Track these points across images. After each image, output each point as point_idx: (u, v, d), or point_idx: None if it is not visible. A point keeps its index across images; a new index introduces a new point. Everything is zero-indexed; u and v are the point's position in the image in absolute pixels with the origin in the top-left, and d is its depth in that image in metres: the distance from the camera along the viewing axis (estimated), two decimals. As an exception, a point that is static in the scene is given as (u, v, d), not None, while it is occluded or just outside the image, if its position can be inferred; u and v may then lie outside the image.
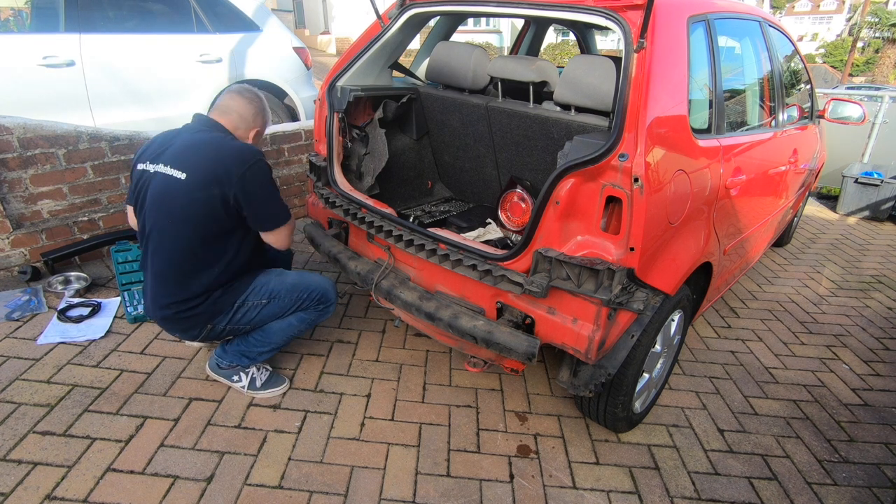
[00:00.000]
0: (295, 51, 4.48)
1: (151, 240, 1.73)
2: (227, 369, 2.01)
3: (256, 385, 2.02)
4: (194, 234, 1.68)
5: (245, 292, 1.83)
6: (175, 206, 1.66)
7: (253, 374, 2.02)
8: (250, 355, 1.97)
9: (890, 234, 4.50)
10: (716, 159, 1.78)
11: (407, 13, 2.11)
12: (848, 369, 2.51)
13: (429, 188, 2.83)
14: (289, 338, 1.97)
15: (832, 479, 1.86)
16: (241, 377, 2.01)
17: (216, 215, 1.67)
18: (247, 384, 2.01)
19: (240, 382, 2.01)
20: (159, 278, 1.75)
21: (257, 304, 1.85)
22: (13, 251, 2.61)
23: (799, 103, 2.94)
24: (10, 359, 2.09)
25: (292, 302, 1.90)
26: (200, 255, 1.72)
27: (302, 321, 1.95)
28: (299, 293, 1.90)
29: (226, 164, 1.64)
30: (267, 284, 1.87)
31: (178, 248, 1.70)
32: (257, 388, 2.02)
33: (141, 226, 1.78)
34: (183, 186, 1.64)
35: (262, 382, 2.03)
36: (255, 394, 2.01)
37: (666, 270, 1.62)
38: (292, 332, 1.95)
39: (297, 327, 1.95)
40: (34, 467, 1.63)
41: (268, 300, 1.86)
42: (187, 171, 1.64)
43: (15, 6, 4.26)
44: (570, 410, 2.08)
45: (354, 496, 1.64)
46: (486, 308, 1.72)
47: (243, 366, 2.01)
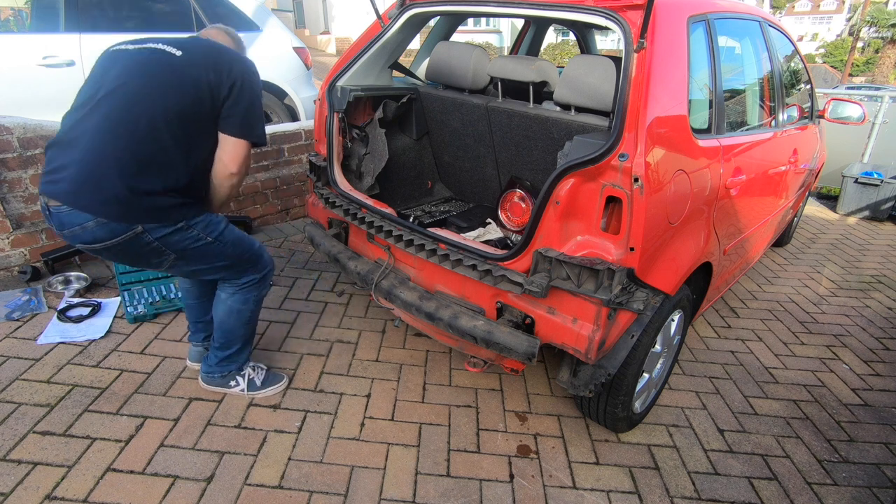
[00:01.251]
0: (295, 51, 4.48)
1: (110, 99, 1.46)
2: (221, 378, 1.97)
3: (256, 385, 2.01)
4: (172, 106, 1.49)
5: (196, 218, 1.63)
6: (161, 72, 1.50)
7: (250, 375, 2.00)
8: (230, 357, 1.93)
9: (890, 234, 4.50)
10: (716, 159, 1.78)
11: (407, 13, 2.11)
12: (848, 369, 2.52)
13: (429, 188, 2.83)
14: (244, 322, 1.88)
15: (832, 479, 1.86)
16: (238, 381, 1.99)
17: (200, 99, 1.52)
18: (245, 386, 1.99)
19: (238, 386, 1.99)
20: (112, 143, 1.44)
21: (201, 238, 1.65)
22: (13, 251, 2.61)
23: (799, 103, 2.94)
24: (10, 359, 2.09)
25: (231, 257, 1.74)
26: (168, 135, 1.49)
27: (245, 301, 1.85)
28: (241, 251, 1.77)
29: (229, 59, 1.60)
30: (218, 225, 1.70)
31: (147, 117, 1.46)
32: (257, 387, 2.01)
33: (92, 88, 1.51)
34: (176, 60, 1.52)
35: (260, 381, 2.02)
36: (256, 394, 2.00)
37: (666, 270, 1.62)
38: (244, 316, 1.86)
39: (245, 311, 1.85)
40: (34, 467, 1.63)
41: (213, 239, 1.67)
42: (184, 50, 1.55)
43: (15, 6, 4.26)
44: (570, 410, 2.08)
45: (354, 496, 1.64)
46: (486, 308, 1.72)
47: (235, 370, 1.98)
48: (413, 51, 5.37)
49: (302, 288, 2.83)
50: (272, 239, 3.38)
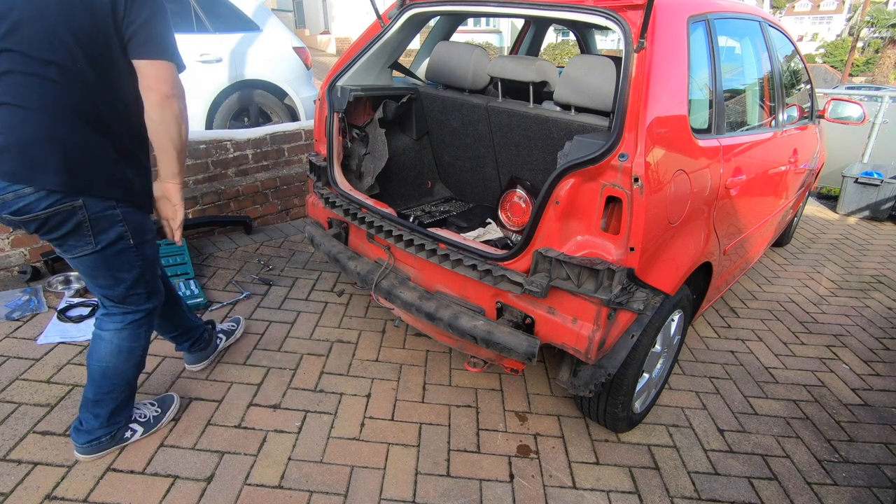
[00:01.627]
0: (295, 51, 4.48)
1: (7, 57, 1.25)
2: (111, 439, 1.68)
3: (152, 423, 1.79)
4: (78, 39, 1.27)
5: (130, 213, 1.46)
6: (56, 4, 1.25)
7: (143, 417, 1.77)
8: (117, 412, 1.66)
9: (890, 234, 4.50)
10: (716, 159, 1.78)
11: (407, 13, 2.11)
12: (848, 369, 2.52)
13: (429, 188, 2.83)
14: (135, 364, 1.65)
15: (832, 479, 1.86)
16: (134, 429, 1.74)
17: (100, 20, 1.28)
18: (143, 430, 1.76)
19: (136, 434, 1.74)
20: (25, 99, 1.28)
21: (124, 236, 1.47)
22: (13, 251, 2.61)
23: (799, 103, 2.94)
24: (10, 359, 2.09)
25: (142, 276, 1.56)
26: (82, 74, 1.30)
27: (137, 337, 1.62)
28: (153, 272, 1.60)
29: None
30: (147, 234, 1.53)
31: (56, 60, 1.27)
32: (154, 425, 1.80)
33: None
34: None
35: (155, 416, 1.81)
36: (158, 427, 1.80)
37: (666, 270, 1.62)
38: (135, 355, 1.64)
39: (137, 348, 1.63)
40: (34, 467, 1.63)
41: (134, 245, 1.49)
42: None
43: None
44: (570, 410, 2.08)
45: (354, 496, 1.64)
46: (486, 308, 1.72)
47: (127, 418, 1.72)
48: (413, 51, 5.37)
49: (302, 288, 2.83)
50: (272, 239, 3.38)
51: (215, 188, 3.26)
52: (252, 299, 2.68)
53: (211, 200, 3.24)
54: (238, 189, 3.37)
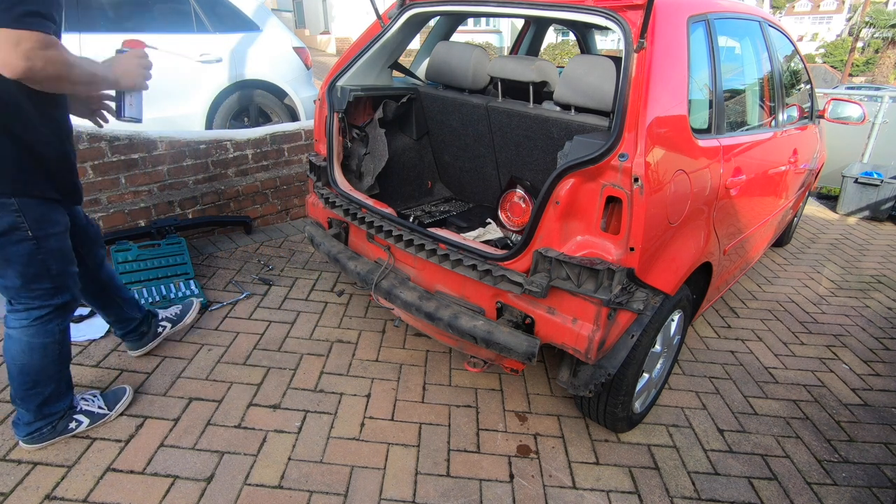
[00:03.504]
0: (295, 51, 4.48)
1: None
2: (52, 429, 1.67)
3: (99, 413, 1.78)
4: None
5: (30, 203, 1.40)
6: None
7: (85, 407, 1.75)
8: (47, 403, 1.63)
9: (890, 234, 4.50)
10: (716, 159, 1.78)
11: (407, 13, 2.11)
12: (848, 369, 2.52)
13: (429, 188, 2.83)
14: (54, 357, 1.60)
15: (832, 479, 1.86)
16: (79, 419, 1.72)
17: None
18: (89, 421, 1.75)
19: (81, 425, 1.72)
20: None
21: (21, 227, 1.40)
22: (13, 251, 2.60)
23: (799, 103, 2.94)
24: (10, 359, 2.09)
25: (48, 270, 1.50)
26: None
27: (48, 333, 1.56)
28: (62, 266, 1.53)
29: None
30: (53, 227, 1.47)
31: None
32: (103, 414, 1.79)
33: None
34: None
35: (101, 406, 1.79)
36: (105, 420, 1.79)
37: (666, 270, 1.62)
38: (51, 351, 1.58)
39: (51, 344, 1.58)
40: (34, 467, 1.63)
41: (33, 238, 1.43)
42: None
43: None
44: (569, 410, 2.08)
45: (354, 496, 1.64)
46: (486, 308, 1.72)
47: (65, 409, 1.69)
48: (413, 51, 5.38)
49: (302, 288, 2.83)
50: (272, 239, 3.38)
51: (215, 188, 3.26)
52: (252, 299, 2.68)
53: (211, 200, 3.24)
54: (238, 189, 3.37)
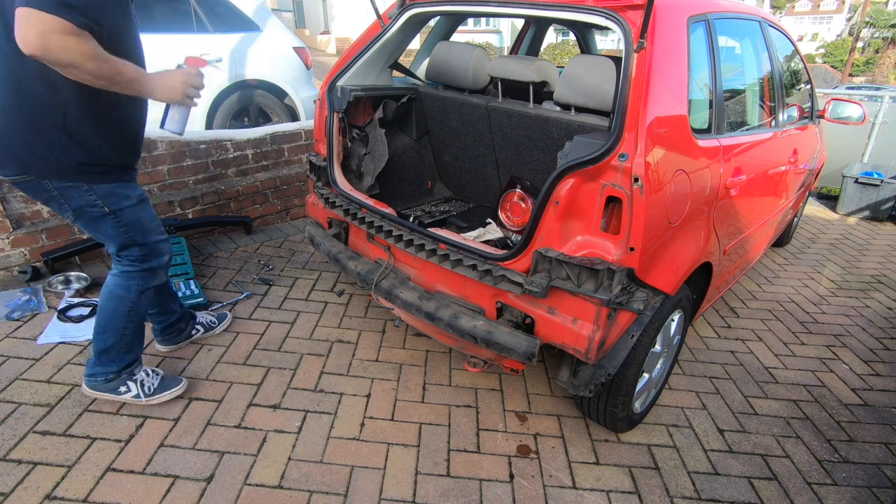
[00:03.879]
0: (295, 51, 4.48)
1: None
2: (105, 382, 1.82)
3: (148, 390, 1.88)
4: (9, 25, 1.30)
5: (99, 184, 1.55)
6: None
7: (142, 380, 1.88)
8: (107, 354, 1.78)
9: (890, 234, 4.50)
10: (716, 159, 1.78)
11: (407, 13, 2.11)
12: (848, 369, 2.52)
13: (429, 188, 2.83)
14: (123, 313, 1.75)
15: (832, 479, 1.86)
16: (130, 386, 1.85)
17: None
18: (138, 392, 1.86)
19: (129, 392, 1.84)
20: None
21: (97, 205, 1.57)
22: (13, 251, 2.61)
23: (799, 103, 2.94)
24: (10, 358, 2.09)
25: (125, 237, 1.66)
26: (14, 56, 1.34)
27: (127, 288, 1.73)
28: (138, 234, 1.68)
29: None
30: (124, 200, 1.61)
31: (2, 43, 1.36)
32: (150, 394, 1.88)
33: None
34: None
35: (155, 386, 1.89)
36: (150, 400, 1.88)
37: (666, 270, 1.62)
38: (123, 305, 1.74)
39: (125, 299, 1.73)
40: (34, 467, 1.63)
41: (110, 212, 1.60)
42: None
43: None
44: (570, 410, 2.08)
45: (354, 496, 1.64)
46: (486, 308, 1.72)
47: (119, 373, 1.83)
48: (413, 51, 5.38)
49: (302, 288, 2.83)
50: (272, 239, 3.38)
51: (215, 188, 3.26)
52: (252, 299, 2.68)
53: (211, 200, 3.25)
54: (238, 189, 3.37)
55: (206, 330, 2.33)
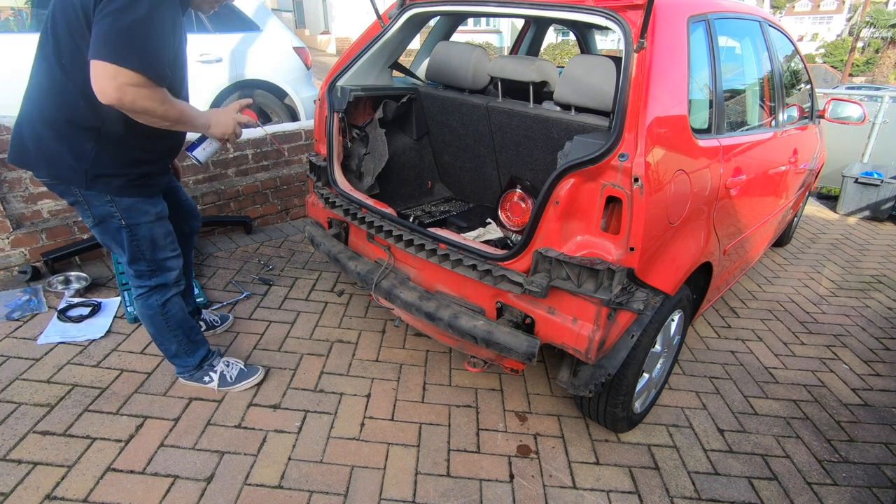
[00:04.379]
0: (295, 51, 4.48)
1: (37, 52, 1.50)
2: (191, 375, 2.00)
3: (228, 381, 2.02)
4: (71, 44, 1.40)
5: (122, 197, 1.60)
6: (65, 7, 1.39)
7: (222, 371, 2.03)
8: (176, 359, 1.95)
9: (890, 234, 4.50)
10: (716, 159, 1.78)
11: (407, 13, 2.11)
12: (848, 369, 2.52)
13: (429, 188, 2.83)
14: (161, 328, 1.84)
15: (832, 479, 1.86)
16: (211, 376, 2.01)
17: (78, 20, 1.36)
18: (217, 382, 2.01)
19: (211, 382, 2.01)
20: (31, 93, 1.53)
21: (115, 216, 1.62)
22: (13, 251, 2.61)
23: (799, 103, 2.94)
24: (11, 358, 2.09)
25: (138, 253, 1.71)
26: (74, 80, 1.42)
27: (148, 307, 1.80)
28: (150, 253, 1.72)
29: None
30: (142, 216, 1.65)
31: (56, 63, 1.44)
32: (229, 383, 2.02)
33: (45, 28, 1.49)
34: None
35: (234, 377, 2.04)
36: (229, 388, 2.02)
37: (666, 270, 1.62)
38: (156, 321, 1.83)
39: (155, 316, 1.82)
40: (34, 467, 1.63)
41: (126, 226, 1.64)
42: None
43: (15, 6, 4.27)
44: (570, 410, 2.08)
45: (354, 496, 1.64)
46: (486, 308, 1.72)
47: (198, 364, 1.99)
48: (413, 51, 5.37)
49: (302, 288, 2.83)
50: (272, 239, 3.38)
51: (215, 188, 3.26)
52: (252, 299, 2.68)
53: (211, 200, 3.24)
54: (238, 189, 3.37)
55: (209, 328, 2.34)
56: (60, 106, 1.48)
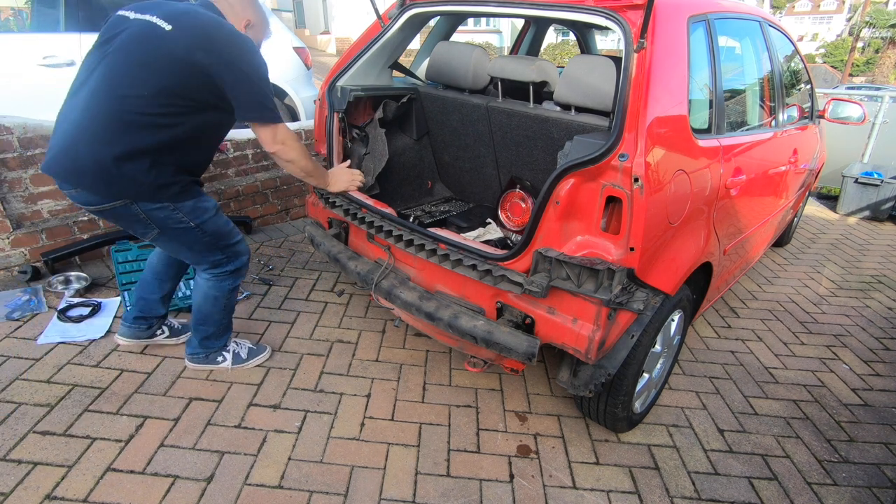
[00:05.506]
0: (295, 51, 4.48)
1: (95, 76, 1.56)
2: (206, 357, 2.09)
3: (242, 358, 2.14)
4: (154, 83, 1.53)
5: (183, 201, 1.71)
6: (148, 50, 1.53)
7: (235, 350, 2.13)
8: (210, 339, 2.05)
9: (890, 234, 4.50)
10: (716, 159, 1.78)
11: (407, 13, 2.11)
12: (848, 369, 2.52)
13: (429, 188, 2.83)
14: (220, 308, 1.99)
15: (832, 479, 1.86)
16: (225, 356, 2.11)
17: (188, 76, 1.54)
18: (231, 360, 2.11)
19: (225, 362, 2.11)
20: (90, 116, 1.54)
21: (182, 221, 1.74)
22: (13, 251, 2.61)
23: (799, 103, 2.94)
24: (11, 359, 2.09)
25: (211, 245, 1.84)
26: (149, 110, 1.54)
27: (220, 289, 1.94)
28: (221, 240, 1.86)
29: (217, 38, 1.56)
30: (205, 214, 1.78)
31: (129, 94, 1.53)
32: (243, 360, 2.14)
33: (86, 66, 1.61)
34: (166, 36, 1.53)
35: (245, 355, 2.15)
36: (242, 366, 2.13)
37: (666, 270, 1.62)
38: (219, 302, 1.97)
39: (220, 297, 1.95)
40: (34, 467, 1.63)
41: (195, 226, 1.76)
42: (175, 25, 1.54)
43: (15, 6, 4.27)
44: (570, 410, 2.08)
45: (354, 496, 1.64)
46: (486, 308, 1.72)
47: (220, 347, 2.09)
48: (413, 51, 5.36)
49: (302, 288, 2.83)
50: (272, 239, 3.38)
51: (215, 188, 3.26)
52: (252, 299, 2.68)
53: (211, 200, 3.24)
54: (238, 189, 3.37)
55: (171, 335, 2.24)
56: (126, 127, 1.55)
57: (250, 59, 1.59)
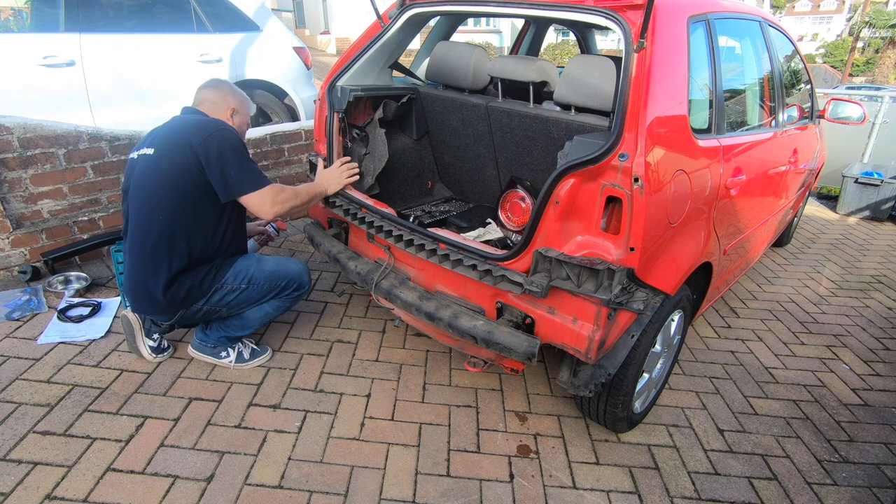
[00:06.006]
0: (295, 51, 4.48)
1: (130, 219, 1.84)
2: (213, 349, 2.13)
3: (244, 358, 2.17)
4: (165, 202, 1.76)
5: (225, 275, 1.91)
6: (148, 180, 1.79)
7: (239, 349, 2.17)
8: (232, 337, 2.12)
9: (890, 234, 4.50)
10: (716, 159, 1.78)
11: (407, 13, 2.11)
12: (848, 369, 2.52)
13: (429, 188, 2.83)
14: (267, 322, 2.12)
15: (832, 479, 1.86)
16: (229, 352, 2.14)
17: (185, 180, 1.76)
18: (234, 358, 2.14)
19: (227, 358, 2.14)
20: (135, 255, 1.82)
21: (235, 289, 1.93)
22: (13, 251, 2.61)
23: (799, 103, 2.94)
24: (10, 359, 2.09)
25: (269, 289, 1.99)
26: (175, 224, 1.78)
27: (277, 308, 2.07)
28: (276, 281, 2.00)
29: (188, 135, 1.77)
30: (247, 270, 1.95)
31: (154, 222, 1.77)
32: (245, 360, 2.17)
33: (125, 213, 1.88)
34: (153, 160, 1.79)
35: (248, 355, 2.18)
36: (243, 366, 2.16)
37: (666, 270, 1.62)
38: (269, 318, 2.09)
39: (272, 314, 2.08)
40: (34, 467, 1.63)
41: (246, 285, 1.94)
42: (156, 146, 1.81)
43: (15, 6, 4.27)
44: (570, 410, 2.08)
45: (354, 496, 1.64)
46: (486, 308, 1.72)
47: (228, 344, 2.15)
48: (413, 51, 5.36)
49: (302, 288, 2.82)
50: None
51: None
52: (252, 299, 2.68)
53: (211, 200, 3.24)
54: (238, 189, 3.36)
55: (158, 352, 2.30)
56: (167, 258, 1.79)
57: (219, 142, 1.77)
